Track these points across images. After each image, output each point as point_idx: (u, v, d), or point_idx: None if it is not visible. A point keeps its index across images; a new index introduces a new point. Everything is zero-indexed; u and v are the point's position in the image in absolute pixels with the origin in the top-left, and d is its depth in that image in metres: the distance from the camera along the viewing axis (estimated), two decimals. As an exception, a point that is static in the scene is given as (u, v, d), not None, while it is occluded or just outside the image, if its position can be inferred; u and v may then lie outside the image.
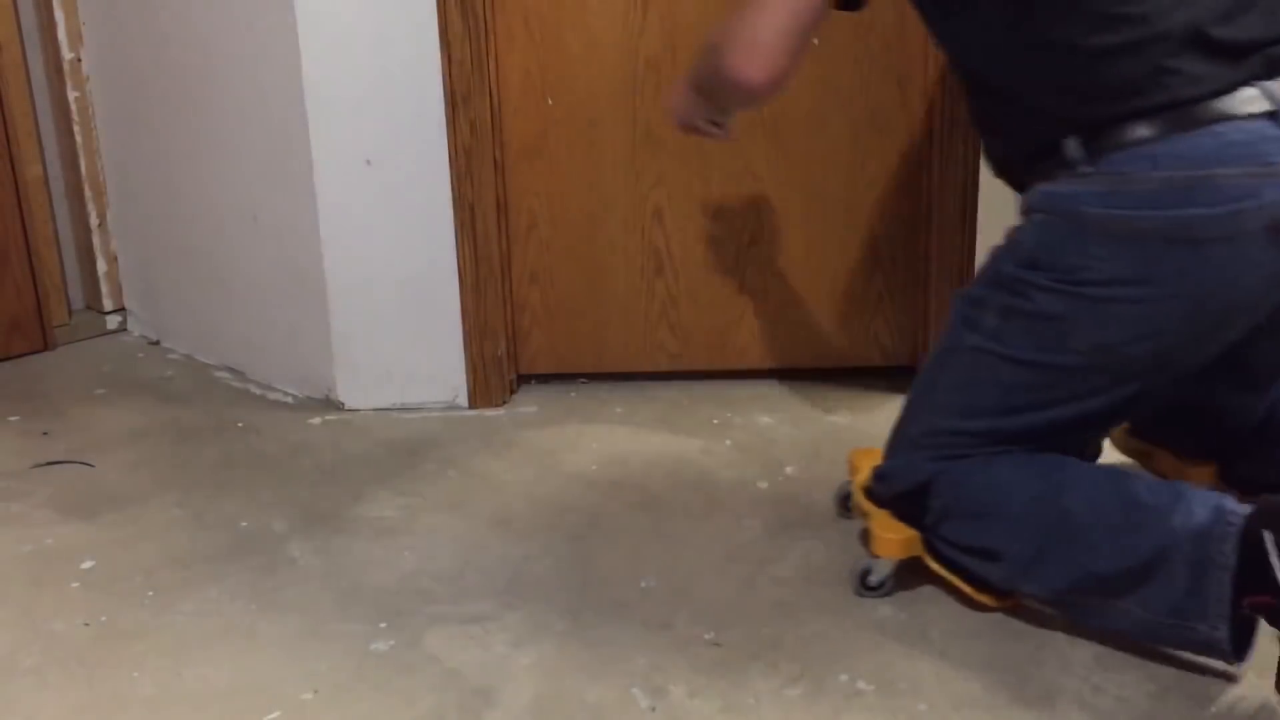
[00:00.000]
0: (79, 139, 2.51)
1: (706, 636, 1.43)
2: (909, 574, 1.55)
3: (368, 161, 2.04)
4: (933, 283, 2.09)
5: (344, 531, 1.72)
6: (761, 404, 2.13)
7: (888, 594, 1.50)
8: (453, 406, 2.15)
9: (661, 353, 2.22)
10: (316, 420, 2.13)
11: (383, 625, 1.47)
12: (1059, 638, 1.40)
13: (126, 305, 2.64)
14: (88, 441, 2.06)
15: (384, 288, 2.10)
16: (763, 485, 1.83)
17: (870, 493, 1.53)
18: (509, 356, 2.18)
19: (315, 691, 1.35)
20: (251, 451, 2.01)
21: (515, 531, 1.70)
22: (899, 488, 1.47)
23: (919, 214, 2.12)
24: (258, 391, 2.28)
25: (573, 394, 2.21)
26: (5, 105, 2.38)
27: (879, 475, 1.51)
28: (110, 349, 2.55)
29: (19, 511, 1.81)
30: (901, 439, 1.49)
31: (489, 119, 2.03)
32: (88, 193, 2.55)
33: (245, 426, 2.11)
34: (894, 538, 1.48)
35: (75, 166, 2.53)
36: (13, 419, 2.17)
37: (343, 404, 2.17)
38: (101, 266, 2.60)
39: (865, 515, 1.54)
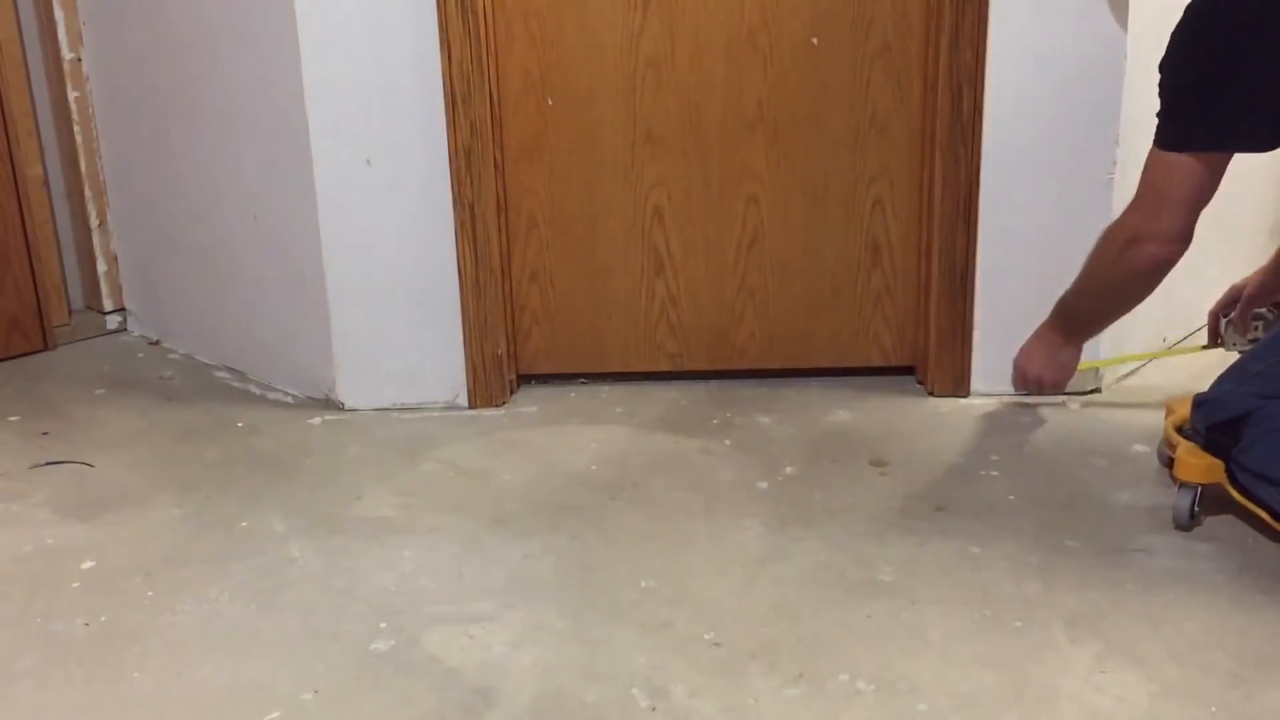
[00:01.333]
0: (79, 139, 2.50)
1: (706, 636, 1.43)
2: (907, 573, 1.55)
3: (368, 161, 2.04)
4: (933, 282, 2.09)
5: (344, 531, 1.72)
6: (761, 404, 2.13)
7: (1199, 525, 1.64)
8: (453, 406, 2.15)
9: (661, 353, 2.22)
10: (316, 420, 2.13)
11: (383, 625, 1.47)
12: (1059, 638, 1.41)
13: (126, 305, 2.64)
14: (88, 441, 2.06)
15: (384, 288, 2.10)
16: (763, 485, 1.83)
17: (1183, 429, 1.69)
18: (509, 356, 2.18)
19: (315, 691, 1.35)
20: (251, 451, 2.01)
21: (515, 531, 1.70)
22: (1218, 417, 1.60)
23: (919, 213, 2.12)
24: (258, 391, 2.28)
25: (573, 394, 2.21)
26: (5, 105, 2.38)
27: (1199, 401, 1.65)
28: (110, 349, 2.55)
29: (19, 511, 1.81)
30: (1237, 370, 1.64)
31: (489, 119, 2.02)
32: (88, 193, 2.55)
33: (245, 426, 2.11)
34: (1197, 463, 1.62)
35: (75, 166, 2.53)
36: (13, 419, 2.17)
37: (343, 404, 2.17)
38: (101, 266, 2.60)
39: (1173, 447, 1.68)
